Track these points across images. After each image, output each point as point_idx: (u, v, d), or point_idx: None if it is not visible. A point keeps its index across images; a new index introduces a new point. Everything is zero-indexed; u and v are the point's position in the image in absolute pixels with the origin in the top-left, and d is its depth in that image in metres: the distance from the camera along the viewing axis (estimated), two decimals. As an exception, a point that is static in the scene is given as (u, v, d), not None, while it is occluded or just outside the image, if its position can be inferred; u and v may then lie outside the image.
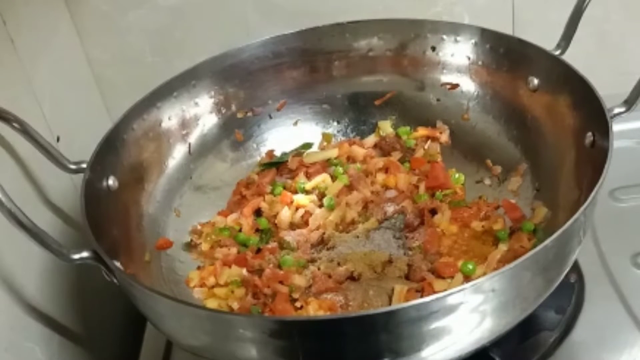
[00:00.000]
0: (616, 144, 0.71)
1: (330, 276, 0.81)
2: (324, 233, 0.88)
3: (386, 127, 1.00)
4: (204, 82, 0.96)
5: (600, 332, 0.78)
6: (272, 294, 0.79)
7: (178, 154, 0.94)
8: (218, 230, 0.89)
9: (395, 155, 0.97)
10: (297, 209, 0.91)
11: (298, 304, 0.79)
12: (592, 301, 0.81)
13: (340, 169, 0.94)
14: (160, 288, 0.80)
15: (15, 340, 0.72)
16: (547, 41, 0.87)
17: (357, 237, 0.87)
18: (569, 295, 0.82)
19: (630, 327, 0.78)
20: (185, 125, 0.95)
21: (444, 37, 0.97)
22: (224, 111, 0.99)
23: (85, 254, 0.68)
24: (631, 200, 0.92)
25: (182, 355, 0.84)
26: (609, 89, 0.77)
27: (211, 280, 0.82)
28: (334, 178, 0.94)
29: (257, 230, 0.90)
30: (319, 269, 0.82)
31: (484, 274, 0.77)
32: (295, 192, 0.93)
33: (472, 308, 0.61)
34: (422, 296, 0.76)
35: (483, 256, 0.81)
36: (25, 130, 0.76)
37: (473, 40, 0.95)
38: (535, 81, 0.89)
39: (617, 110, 0.76)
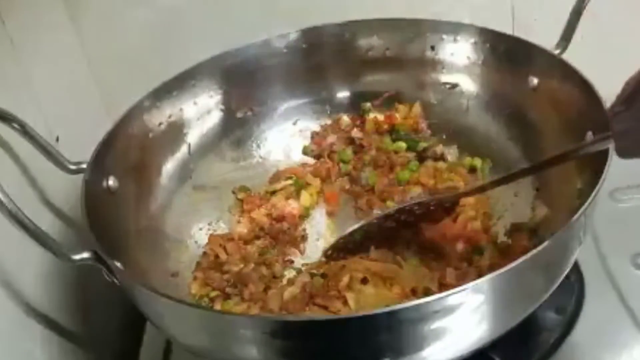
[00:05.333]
0: (616, 144, 0.71)
1: None
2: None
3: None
4: (204, 82, 0.96)
5: (600, 332, 0.78)
6: None
7: (178, 154, 0.94)
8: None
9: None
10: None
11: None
12: (592, 301, 0.81)
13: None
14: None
15: (15, 341, 0.72)
16: (547, 41, 0.87)
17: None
18: (569, 296, 0.82)
19: (630, 327, 0.78)
20: (185, 125, 0.95)
21: (444, 36, 0.97)
22: (223, 111, 0.99)
23: (86, 255, 0.68)
24: (631, 200, 0.93)
25: (181, 356, 0.84)
26: (609, 89, 0.77)
27: None
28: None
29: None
30: None
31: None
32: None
33: (472, 308, 0.61)
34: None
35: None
36: (25, 131, 0.76)
37: (473, 40, 0.95)
38: (535, 80, 0.88)
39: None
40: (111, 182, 0.81)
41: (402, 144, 0.98)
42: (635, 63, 1.05)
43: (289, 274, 0.85)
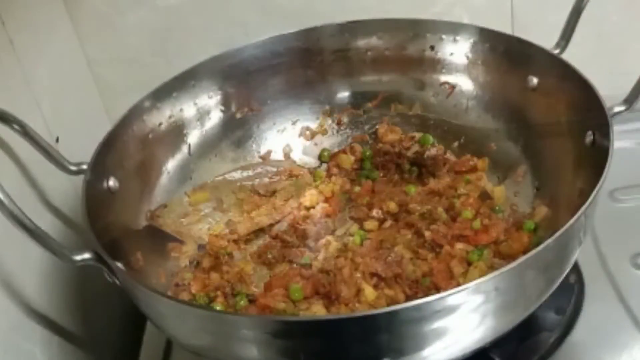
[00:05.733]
0: (616, 144, 0.71)
1: None
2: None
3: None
4: (203, 82, 0.96)
5: (600, 332, 0.78)
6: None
7: (178, 154, 0.94)
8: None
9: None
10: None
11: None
12: (591, 301, 0.81)
13: None
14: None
15: (15, 342, 0.72)
16: (547, 41, 0.87)
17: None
18: (569, 296, 0.82)
19: (630, 327, 0.78)
20: (185, 125, 0.95)
21: (443, 36, 0.97)
22: (223, 111, 0.99)
23: (87, 255, 0.68)
24: (631, 200, 0.92)
25: (182, 356, 0.84)
26: (609, 89, 0.77)
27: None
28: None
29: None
30: None
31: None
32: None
33: (473, 308, 0.61)
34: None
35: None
36: (25, 132, 0.76)
37: (472, 40, 0.95)
38: (535, 80, 0.89)
39: (617, 109, 0.76)
40: (111, 182, 0.81)
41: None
42: (635, 63, 1.06)
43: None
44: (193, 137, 0.96)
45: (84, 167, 0.79)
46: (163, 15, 1.05)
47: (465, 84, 0.98)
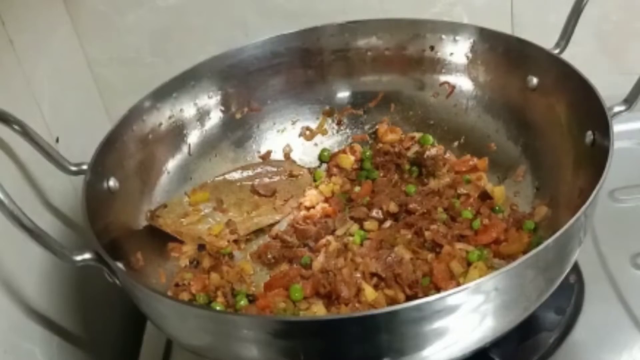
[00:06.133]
0: (616, 144, 0.71)
1: None
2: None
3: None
4: (203, 82, 0.96)
5: (600, 332, 0.78)
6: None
7: (178, 154, 0.94)
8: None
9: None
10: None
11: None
12: (591, 301, 0.81)
13: None
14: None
15: (15, 342, 0.73)
16: (547, 41, 0.87)
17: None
18: (569, 296, 0.82)
19: (629, 327, 0.78)
20: (185, 126, 0.95)
21: (443, 36, 0.97)
22: (223, 111, 0.99)
23: (87, 255, 0.68)
24: (631, 200, 0.92)
25: (182, 356, 0.84)
26: (609, 89, 0.77)
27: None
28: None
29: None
30: None
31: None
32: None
33: (473, 308, 0.61)
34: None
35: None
36: (25, 133, 0.76)
37: (472, 40, 0.95)
38: (535, 80, 0.89)
39: (617, 109, 0.76)
40: (112, 183, 0.81)
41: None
42: (635, 63, 1.06)
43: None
44: (193, 137, 0.96)
45: (84, 167, 0.79)
46: (163, 15, 1.05)
47: (465, 84, 0.98)
